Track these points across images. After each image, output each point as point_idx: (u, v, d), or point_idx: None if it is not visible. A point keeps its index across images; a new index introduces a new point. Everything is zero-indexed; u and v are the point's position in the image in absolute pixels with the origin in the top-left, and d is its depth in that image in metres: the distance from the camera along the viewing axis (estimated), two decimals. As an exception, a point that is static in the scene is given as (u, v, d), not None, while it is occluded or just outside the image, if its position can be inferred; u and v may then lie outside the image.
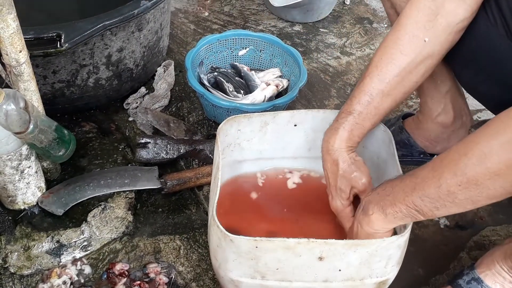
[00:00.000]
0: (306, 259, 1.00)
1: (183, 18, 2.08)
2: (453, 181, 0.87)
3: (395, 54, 1.09)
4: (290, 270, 1.02)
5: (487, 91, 1.18)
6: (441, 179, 0.89)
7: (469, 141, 0.87)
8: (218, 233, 1.01)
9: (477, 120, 1.66)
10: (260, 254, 1.00)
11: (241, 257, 1.01)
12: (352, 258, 1.00)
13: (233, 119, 1.21)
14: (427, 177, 0.92)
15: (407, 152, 1.48)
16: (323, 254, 0.99)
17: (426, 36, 1.07)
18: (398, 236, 0.99)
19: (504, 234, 1.40)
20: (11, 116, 1.09)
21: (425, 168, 0.93)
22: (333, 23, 2.11)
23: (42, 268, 1.26)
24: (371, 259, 1.01)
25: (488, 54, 1.09)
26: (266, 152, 1.30)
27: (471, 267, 1.19)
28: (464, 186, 0.87)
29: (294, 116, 1.25)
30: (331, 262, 1.00)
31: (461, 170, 0.86)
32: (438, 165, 0.91)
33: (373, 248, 0.99)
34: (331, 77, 1.87)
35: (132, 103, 1.66)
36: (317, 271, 1.03)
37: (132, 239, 1.33)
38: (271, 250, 0.99)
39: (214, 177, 1.14)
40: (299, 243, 0.98)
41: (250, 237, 0.98)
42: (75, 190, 1.36)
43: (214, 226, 1.01)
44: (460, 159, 0.87)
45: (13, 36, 1.10)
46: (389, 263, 1.04)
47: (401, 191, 0.96)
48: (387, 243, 0.99)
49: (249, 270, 1.03)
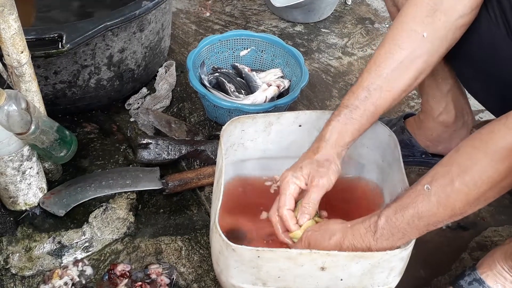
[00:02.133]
0: (308, 269, 1.00)
1: (185, 19, 2.08)
2: (467, 207, 0.91)
3: (393, 48, 1.09)
4: (291, 278, 1.02)
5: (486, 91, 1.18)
6: (454, 209, 0.91)
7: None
8: (220, 241, 1.00)
9: (479, 120, 1.66)
10: (262, 263, 0.99)
11: (243, 265, 1.01)
12: (354, 269, 0.99)
13: (237, 120, 1.21)
14: (438, 212, 0.93)
15: (409, 152, 1.48)
16: (325, 265, 0.98)
17: (425, 31, 1.07)
18: (401, 250, 0.98)
19: (506, 234, 1.40)
20: (13, 117, 1.09)
21: (430, 202, 0.93)
22: (334, 23, 2.11)
23: (44, 269, 1.26)
24: (374, 270, 1.01)
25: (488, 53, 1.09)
26: (270, 151, 1.29)
27: (472, 268, 1.19)
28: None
29: (299, 116, 1.25)
30: (333, 272, 1.00)
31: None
32: (444, 199, 0.91)
33: (375, 260, 0.98)
34: (332, 78, 1.87)
35: (133, 103, 1.66)
36: (318, 280, 1.02)
37: (134, 240, 1.33)
38: (273, 259, 0.99)
39: (217, 181, 1.14)
40: (301, 254, 0.98)
41: (252, 247, 0.98)
42: (77, 191, 1.36)
43: (216, 234, 1.01)
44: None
45: (14, 37, 1.10)
46: (391, 273, 1.03)
47: (415, 231, 0.96)
48: (390, 255, 0.98)
49: (250, 277, 1.03)
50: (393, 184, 1.16)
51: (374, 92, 1.09)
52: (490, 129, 0.88)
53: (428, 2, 1.06)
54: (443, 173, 0.91)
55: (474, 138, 0.90)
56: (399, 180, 1.12)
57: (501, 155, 0.85)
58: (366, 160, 1.28)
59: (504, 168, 0.85)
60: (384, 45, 1.11)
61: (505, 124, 0.86)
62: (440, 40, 1.08)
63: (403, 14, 1.09)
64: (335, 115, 1.11)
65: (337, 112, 1.11)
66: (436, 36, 1.07)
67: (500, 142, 0.85)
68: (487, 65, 1.11)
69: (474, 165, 0.87)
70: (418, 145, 1.47)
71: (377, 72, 1.09)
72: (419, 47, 1.08)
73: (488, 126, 0.88)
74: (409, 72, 1.10)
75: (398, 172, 1.13)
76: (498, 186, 0.88)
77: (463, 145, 0.91)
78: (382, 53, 1.10)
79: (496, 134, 0.86)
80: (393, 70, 1.09)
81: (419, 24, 1.07)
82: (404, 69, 1.09)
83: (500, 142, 0.85)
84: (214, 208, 1.08)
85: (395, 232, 0.96)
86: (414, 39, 1.08)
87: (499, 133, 0.86)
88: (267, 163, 1.32)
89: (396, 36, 1.09)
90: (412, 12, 1.08)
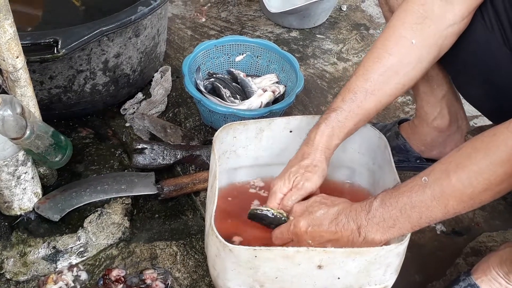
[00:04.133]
0: (305, 268, 1.00)
1: (180, 24, 2.09)
2: (460, 206, 0.92)
3: (381, 54, 1.10)
4: (289, 278, 1.02)
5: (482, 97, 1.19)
6: (447, 206, 0.91)
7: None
8: (217, 243, 1.00)
9: (473, 126, 1.66)
10: (259, 263, 0.99)
11: (240, 267, 1.01)
12: (351, 266, 1.00)
13: (229, 127, 1.21)
14: (431, 205, 0.93)
15: (403, 157, 1.49)
16: (322, 263, 0.99)
17: (413, 38, 1.08)
18: (397, 245, 0.98)
19: (500, 240, 1.40)
20: (8, 121, 1.09)
21: (425, 194, 0.93)
22: (329, 29, 2.11)
23: (38, 274, 1.25)
24: (370, 267, 1.01)
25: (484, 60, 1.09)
26: (262, 158, 1.30)
27: (467, 273, 1.19)
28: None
29: (290, 122, 1.25)
30: (330, 270, 1.00)
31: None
32: (439, 193, 0.92)
33: (372, 256, 0.99)
34: (327, 83, 1.87)
35: (129, 108, 1.66)
36: (316, 280, 1.02)
37: (129, 245, 1.33)
38: (270, 259, 0.99)
39: (211, 185, 1.14)
40: (299, 252, 0.98)
41: (249, 247, 0.98)
42: (72, 196, 1.36)
43: (213, 236, 1.01)
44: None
45: (10, 41, 1.10)
46: (387, 270, 1.04)
47: (407, 223, 0.96)
48: (386, 251, 0.98)
49: (248, 279, 1.03)
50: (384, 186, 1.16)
51: (359, 95, 1.10)
52: (493, 132, 0.88)
53: (418, 9, 1.07)
54: (442, 169, 0.92)
55: (476, 140, 0.90)
56: (391, 180, 1.12)
57: (501, 159, 0.85)
58: (358, 164, 1.29)
59: (502, 171, 0.85)
60: (373, 49, 1.11)
61: (507, 128, 0.86)
62: (429, 48, 1.09)
63: (394, 20, 1.10)
64: (323, 119, 1.12)
65: (325, 116, 1.12)
66: (425, 43, 1.08)
67: (501, 146, 0.85)
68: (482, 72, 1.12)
69: (473, 164, 0.88)
70: (412, 150, 1.48)
71: (364, 76, 1.10)
72: (408, 54, 1.08)
73: (492, 129, 0.89)
74: (398, 79, 1.10)
75: (390, 173, 1.13)
76: (493, 189, 0.88)
77: (464, 146, 0.91)
78: (371, 58, 1.11)
79: (498, 137, 0.87)
80: (380, 75, 1.09)
81: (408, 31, 1.08)
82: (392, 75, 1.10)
83: (501, 146, 0.85)
84: (209, 212, 1.08)
85: (387, 218, 0.96)
86: (403, 46, 1.09)
87: (501, 136, 0.86)
88: (259, 171, 1.32)
89: (385, 41, 1.10)
90: (402, 18, 1.09)
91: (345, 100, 1.10)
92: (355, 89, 1.10)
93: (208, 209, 1.13)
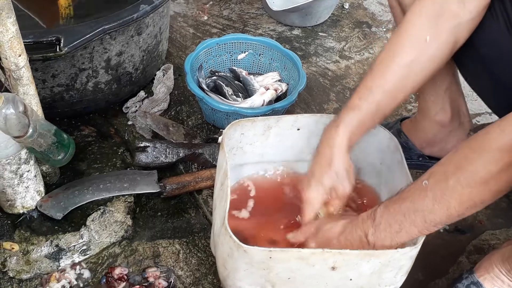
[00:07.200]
0: (318, 269, 1.00)
1: (182, 22, 2.09)
2: (462, 207, 0.91)
3: (397, 51, 1.10)
4: (301, 279, 1.02)
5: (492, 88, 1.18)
6: (450, 209, 0.91)
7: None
8: (231, 243, 1.00)
9: (476, 123, 1.66)
10: (273, 264, 0.99)
11: (253, 267, 1.01)
12: (364, 268, 1.00)
13: (237, 123, 1.21)
14: (434, 208, 0.93)
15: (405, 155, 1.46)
16: (336, 264, 0.98)
17: (428, 34, 1.08)
18: (411, 248, 0.98)
19: (503, 238, 1.40)
20: (10, 120, 1.09)
21: (426, 197, 0.94)
22: (332, 27, 2.11)
23: (41, 272, 1.25)
24: (383, 269, 1.01)
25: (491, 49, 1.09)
26: (268, 155, 1.30)
27: (470, 271, 1.19)
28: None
29: (298, 120, 1.25)
30: (343, 272, 1.00)
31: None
32: (439, 196, 0.92)
33: (386, 258, 0.99)
34: (330, 81, 1.87)
35: (131, 107, 1.66)
36: (328, 281, 1.02)
37: (131, 243, 1.33)
38: (285, 260, 0.99)
39: (221, 183, 1.13)
40: (313, 254, 0.98)
41: (265, 248, 0.98)
42: (74, 194, 1.36)
43: (226, 236, 1.00)
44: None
45: (12, 40, 1.10)
46: (399, 273, 1.04)
47: (413, 227, 0.96)
48: (400, 254, 0.99)
49: (260, 279, 1.03)
50: (392, 187, 1.16)
51: (377, 93, 1.10)
52: (486, 131, 0.88)
53: (433, 7, 1.07)
54: (440, 171, 0.93)
55: (472, 139, 0.90)
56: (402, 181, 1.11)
57: (494, 157, 0.85)
58: (365, 163, 1.29)
59: (496, 170, 0.86)
60: (389, 47, 1.12)
61: (499, 126, 0.86)
62: (444, 45, 1.09)
63: (408, 17, 1.10)
64: (341, 119, 1.12)
65: (343, 115, 1.12)
66: (439, 40, 1.08)
67: (493, 144, 0.86)
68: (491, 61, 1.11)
69: (469, 165, 0.88)
70: (415, 148, 1.48)
71: (380, 74, 1.11)
72: (423, 50, 1.09)
73: (485, 128, 0.89)
74: (412, 75, 1.11)
75: (401, 174, 1.13)
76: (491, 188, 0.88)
77: (461, 146, 0.92)
78: (387, 55, 1.11)
79: (490, 135, 0.87)
80: (397, 73, 1.10)
81: (423, 28, 1.08)
82: (408, 72, 1.10)
83: (493, 144, 0.86)
84: (221, 210, 1.07)
85: (392, 223, 0.97)
86: (418, 43, 1.09)
87: (493, 134, 0.87)
88: (266, 167, 1.32)
89: (400, 39, 1.10)
90: (417, 16, 1.09)
91: (362, 98, 1.11)
92: (372, 87, 1.10)
93: (218, 208, 1.12)
